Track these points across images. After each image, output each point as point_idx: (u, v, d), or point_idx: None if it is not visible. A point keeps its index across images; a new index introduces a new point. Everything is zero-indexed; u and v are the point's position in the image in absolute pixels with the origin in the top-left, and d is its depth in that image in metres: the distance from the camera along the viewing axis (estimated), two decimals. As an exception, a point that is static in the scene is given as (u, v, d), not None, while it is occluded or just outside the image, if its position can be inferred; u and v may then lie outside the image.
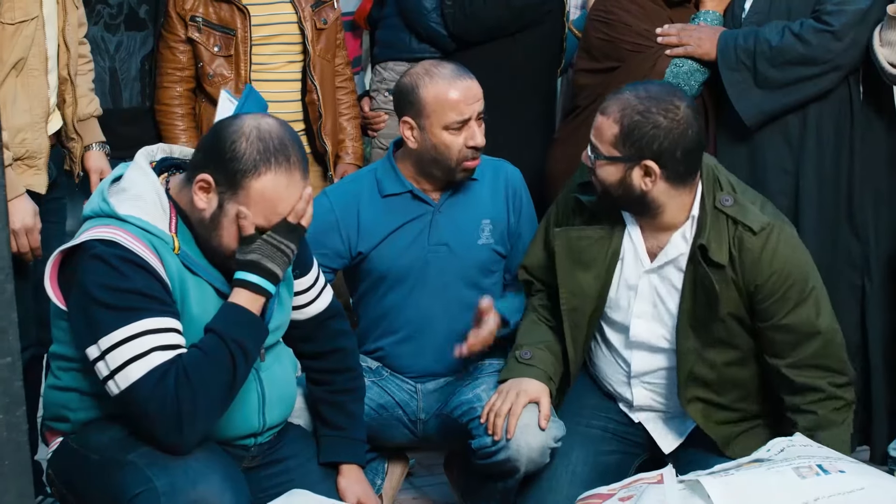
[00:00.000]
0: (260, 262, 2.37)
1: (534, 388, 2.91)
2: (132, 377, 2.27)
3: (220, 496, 2.28)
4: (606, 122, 2.79)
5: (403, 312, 3.11)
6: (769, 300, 2.81)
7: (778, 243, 2.80)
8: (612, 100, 2.81)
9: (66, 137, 3.21)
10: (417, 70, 3.07)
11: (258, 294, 2.39)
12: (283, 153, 2.36)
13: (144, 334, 2.28)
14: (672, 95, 2.80)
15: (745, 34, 3.43)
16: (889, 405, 3.51)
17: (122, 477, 2.30)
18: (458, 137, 3.01)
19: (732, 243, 2.81)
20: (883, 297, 3.50)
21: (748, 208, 2.83)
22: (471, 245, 3.12)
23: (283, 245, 2.39)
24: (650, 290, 2.92)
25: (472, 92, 3.02)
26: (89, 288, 2.30)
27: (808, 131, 3.45)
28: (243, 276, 2.39)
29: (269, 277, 2.39)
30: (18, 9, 2.95)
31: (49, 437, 2.56)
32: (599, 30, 3.59)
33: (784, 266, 2.80)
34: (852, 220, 3.48)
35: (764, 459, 2.60)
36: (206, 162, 2.39)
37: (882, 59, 3.29)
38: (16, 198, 2.91)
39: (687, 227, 2.86)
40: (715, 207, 2.83)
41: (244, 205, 2.36)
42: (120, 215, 2.37)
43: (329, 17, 3.71)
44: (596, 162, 2.81)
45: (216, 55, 3.57)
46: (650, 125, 2.75)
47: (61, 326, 2.44)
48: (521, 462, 2.86)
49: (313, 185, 3.42)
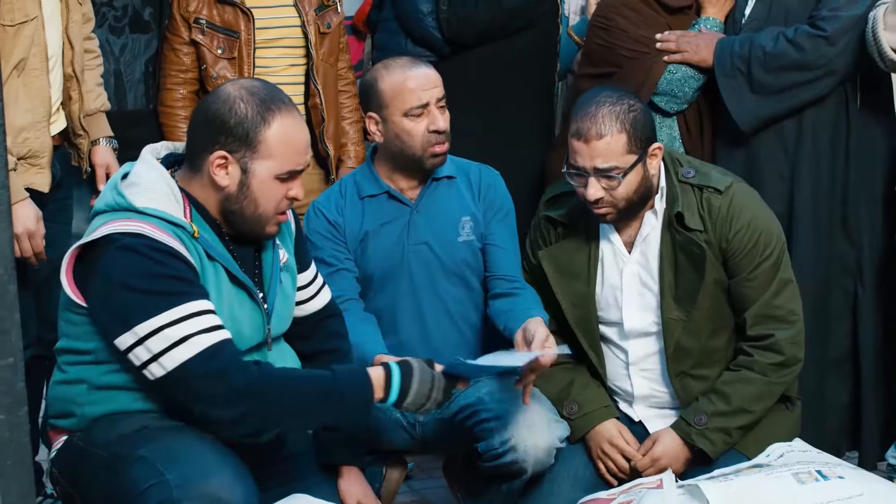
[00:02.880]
0: (411, 400, 2.47)
1: (609, 431, 3.00)
2: (180, 358, 2.29)
3: (232, 490, 2.28)
4: (608, 140, 2.83)
5: (394, 314, 3.12)
6: (739, 255, 2.92)
7: (743, 198, 2.97)
8: (589, 120, 2.84)
9: (73, 134, 3.23)
10: (377, 66, 3.13)
11: (386, 383, 2.45)
12: (278, 98, 2.45)
13: (188, 318, 2.31)
14: (617, 88, 2.97)
15: (742, 40, 3.45)
16: (878, 411, 3.52)
17: (132, 471, 2.30)
18: (420, 123, 3.03)
19: (701, 208, 2.93)
20: (875, 303, 3.52)
21: (710, 173, 2.98)
22: (451, 242, 3.13)
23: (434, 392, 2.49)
24: (635, 280, 3.00)
25: (429, 78, 3.05)
26: (121, 277, 2.31)
27: (803, 137, 3.47)
28: (394, 370, 2.47)
29: (403, 394, 2.46)
30: (18, 10, 2.97)
31: (52, 436, 2.56)
32: (599, 35, 3.63)
33: (751, 220, 2.94)
34: (846, 226, 3.49)
35: (763, 465, 2.60)
36: (211, 141, 2.43)
37: (885, 44, 3.28)
38: (18, 202, 2.92)
39: (657, 202, 2.96)
40: (679, 181, 2.95)
41: (268, 157, 2.42)
42: (138, 208, 2.38)
43: (333, 20, 3.72)
44: (619, 182, 2.85)
45: (219, 57, 3.58)
46: (639, 112, 2.87)
47: (72, 320, 2.44)
48: (528, 463, 2.86)
49: (315, 189, 3.44)
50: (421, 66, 3.07)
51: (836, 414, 3.54)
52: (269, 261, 2.58)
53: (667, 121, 3.60)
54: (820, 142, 3.46)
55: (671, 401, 3.05)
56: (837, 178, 3.48)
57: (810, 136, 3.46)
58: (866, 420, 3.51)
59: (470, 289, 3.15)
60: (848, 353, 3.53)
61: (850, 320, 3.52)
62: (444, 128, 3.05)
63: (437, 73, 3.08)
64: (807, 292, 3.43)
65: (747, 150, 3.51)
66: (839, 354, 3.54)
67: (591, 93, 2.93)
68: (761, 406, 2.95)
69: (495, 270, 3.16)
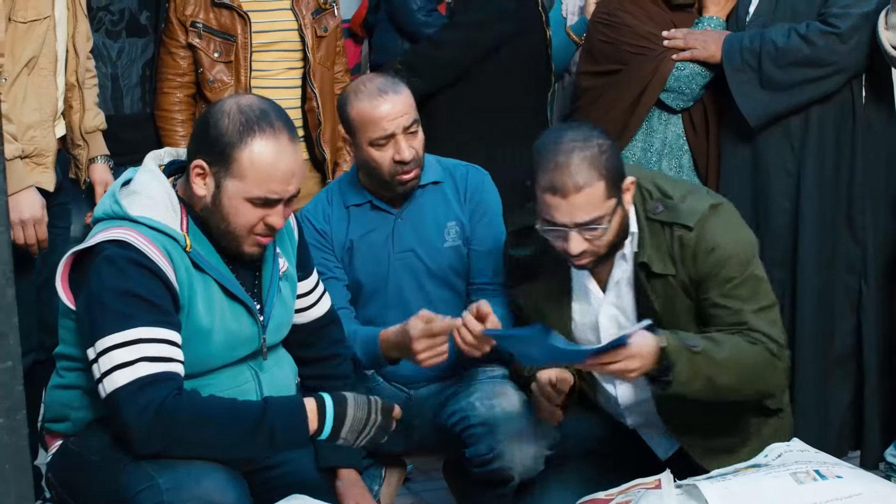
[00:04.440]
0: (346, 433, 2.42)
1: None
2: (118, 382, 2.29)
3: (224, 494, 2.29)
4: (588, 191, 2.61)
5: (385, 321, 3.11)
6: (706, 279, 2.73)
7: (714, 226, 2.73)
8: (563, 172, 2.59)
9: (73, 144, 3.24)
10: (350, 86, 3.09)
11: (318, 420, 2.39)
12: (265, 120, 2.39)
13: (136, 343, 2.29)
14: (577, 127, 2.75)
15: (751, 36, 3.45)
16: (881, 410, 3.52)
17: (124, 476, 2.31)
18: (385, 153, 3.00)
19: (671, 247, 2.75)
20: (879, 302, 3.51)
21: (678, 208, 2.76)
22: (437, 248, 3.12)
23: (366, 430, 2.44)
24: (612, 322, 2.86)
25: (397, 107, 2.98)
26: (95, 290, 2.33)
27: (809, 133, 3.47)
28: (326, 400, 2.40)
29: (336, 429, 2.40)
30: (31, 8, 3.00)
31: (49, 440, 2.57)
32: (602, 32, 3.61)
33: (721, 245, 2.72)
34: (851, 223, 3.49)
35: (762, 465, 2.60)
36: (197, 149, 2.43)
37: (886, 43, 3.29)
38: (24, 189, 2.94)
39: (626, 245, 2.79)
40: (648, 219, 2.77)
41: (239, 178, 2.38)
42: (132, 216, 2.39)
43: (329, 24, 3.72)
44: (603, 231, 2.66)
45: (216, 61, 3.58)
46: (609, 150, 2.67)
47: (67, 326, 2.46)
48: (514, 470, 2.87)
49: (312, 193, 3.44)
50: (390, 93, 2.98)
51: (839, 413, 3.53)
52: (268, 271, 2.56)
53: (672, 118, 3.60)
54: (825, 138, 3.46)
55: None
56: (843, 174, 3.48)
57: (816, 132, 3.46)
58: (868, 419, 3.50)
59: (458, 293, 3.15)
60: (851, 352, 3.52)
61: (853, 318, 3.51)
62: (410, 158, 2.99)
63: (407, 99, 3.01)
64: (810, 289, 3.44)
65: (752, 146, 3.50)
66: (842, 352, 3.53)
67: (552, 136, 2.70)
68: (740, 379, 2.72)
69: (473, 278, 3.16)
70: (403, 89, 3.02)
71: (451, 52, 3.76)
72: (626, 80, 3.51)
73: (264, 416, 2.34)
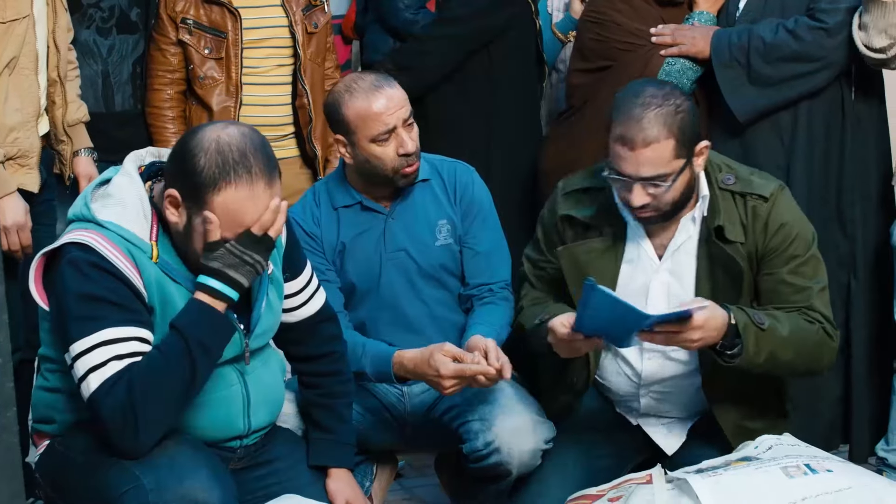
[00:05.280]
0: (222, 270, 2.35)
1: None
2: (91, 387, 2.29)
3: (208, 492, 2.29)
4: (655, 147, 2.67)
5: (380, 320, 3.10)
6: (773, 254, 2.80)
7: (786, 203, 2.83)
8: (634, 125, 2.66)
9: (56, 140, 3.22)
10: (339, 87, 3.05)
11: (220, 300, 2.36)
12: (242, 165, 2.32)
13: (104, 344, 2.29)
14: (661, 84, 2.84)
15: (739, 32, 3.45)
16: (870, 404, 3.52)
17: (109, 476, 2.31)
18: (388, 147, 2.99)
19: (745, 217, 2.80)
20: (868, 296, 3.52)
21: (751, 180, 2.84)
22: (428, 247, 3.11)
23: (246, 255, 2.35)
24: (663, 290, 2.86)
25: (394, 101, 2.98)
26: (62, 295, 2.32)
27: (799, 128, 3.47)
28: (205, 280, 2.36)
29: (231, 285, 2.36)
30: (10, 7, 2.97)
31: (37, 439, 2.57)
32: (591, 30, 3.61)
33: (790, 222, 2.81)
34: (841, 218, 3.50)
35: (752, 458, 2.61)
36: (173, 177, 2.38)
37: (859, 42, 3.31)
38: (7, 195, 2.92)
39: (696, 209, 2.83)
40: (720, 188, 2.81)
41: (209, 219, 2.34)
42: (99, 220, 2.37)
43: (320, 21, 3.72)
44: (666, 189, 2.69)
45: (207, 58, 3.57)
46: (687, 112, 2.72)
47: (46, 328, 2.45)
48: (512, 465, 2.87)
49: (302, 189, 3.44)
50: (385, 88, 2.99)
51: (828, 407, 3.54)
52: (256, 280, 2.48)
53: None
54: (814, 134, 3.46)
55: (680, 415, 2.95)
56: (832, 169, 3.49)
57: (806, 127, 3.46)
58: (857, 414, 3.51)
59: (450, 291, 3.14)
60: (840, 346, 3.53)
61: (842, 313, 3.51)
62: (413, 150, 3.00)
63: (401, 93, 3.01)
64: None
65: (742, 140, 3.50)
66: None
67: (634, 90, 2.76)
68: (799, 356, 2.79)
69: (469, 279, 3.15)
70: (396, 83, 3.03)
71: (438, 49, 3.76)
72: (616, 76, 3.51)
73: (187, 342, 2.31)
